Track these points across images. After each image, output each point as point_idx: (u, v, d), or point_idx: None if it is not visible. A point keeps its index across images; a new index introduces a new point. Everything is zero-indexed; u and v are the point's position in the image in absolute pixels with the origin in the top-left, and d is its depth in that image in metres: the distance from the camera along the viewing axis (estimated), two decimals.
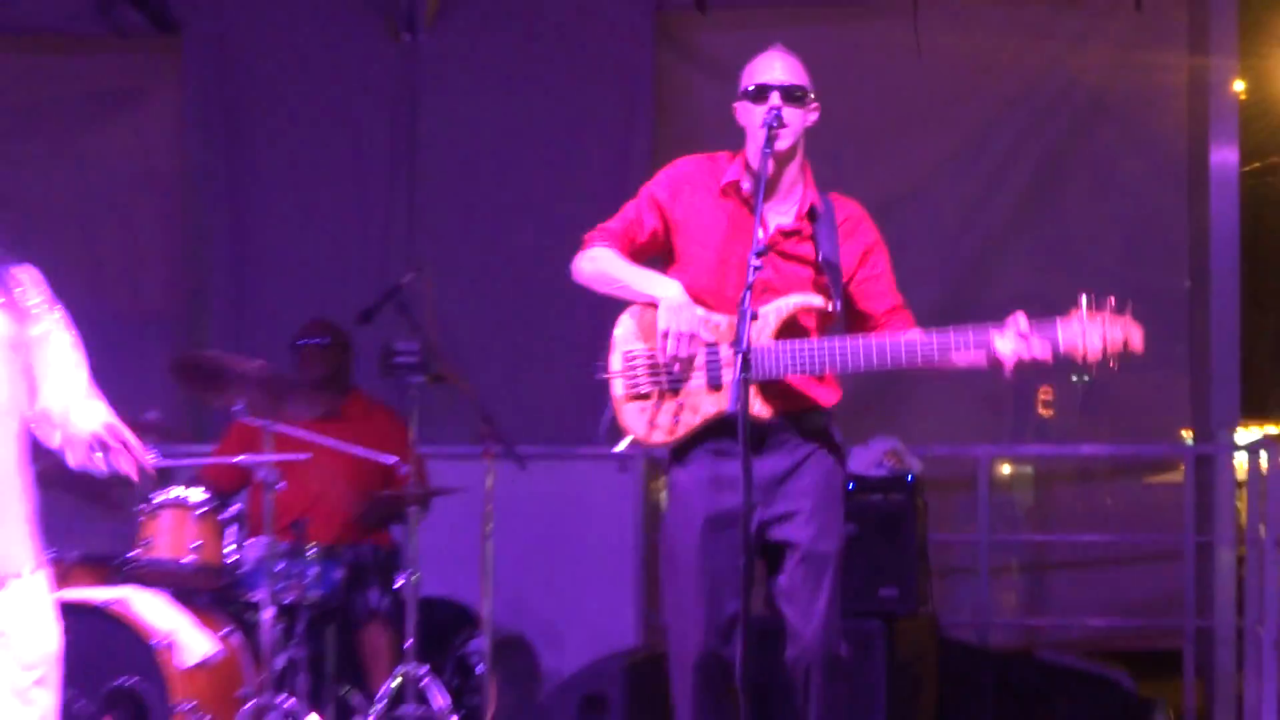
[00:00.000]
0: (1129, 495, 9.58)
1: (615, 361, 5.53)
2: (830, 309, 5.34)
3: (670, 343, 5.40)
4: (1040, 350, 5.11)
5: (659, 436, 5.49)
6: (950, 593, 9.02)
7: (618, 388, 5.52)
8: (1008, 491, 9.83)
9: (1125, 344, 5.05)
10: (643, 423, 5.50)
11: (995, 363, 5.19)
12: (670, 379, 5.46)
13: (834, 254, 5.40)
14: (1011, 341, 5.13)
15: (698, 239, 5.51)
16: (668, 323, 5.39)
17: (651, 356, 5.49)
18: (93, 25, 9.86)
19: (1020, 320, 5.14)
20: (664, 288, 5.48)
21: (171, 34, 9.92)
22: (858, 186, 5.67)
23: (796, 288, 5.36)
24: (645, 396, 5.50)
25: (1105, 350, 5.02)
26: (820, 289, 5.36)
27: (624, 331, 5.54)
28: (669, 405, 5.48)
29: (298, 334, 8.07)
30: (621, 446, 5.56)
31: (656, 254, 5.58)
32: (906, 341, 5.26)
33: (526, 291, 9.46)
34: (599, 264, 5.61)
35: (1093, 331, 5.03)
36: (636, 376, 5.50)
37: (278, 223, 9.75)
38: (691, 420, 5.43)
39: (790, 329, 5.33)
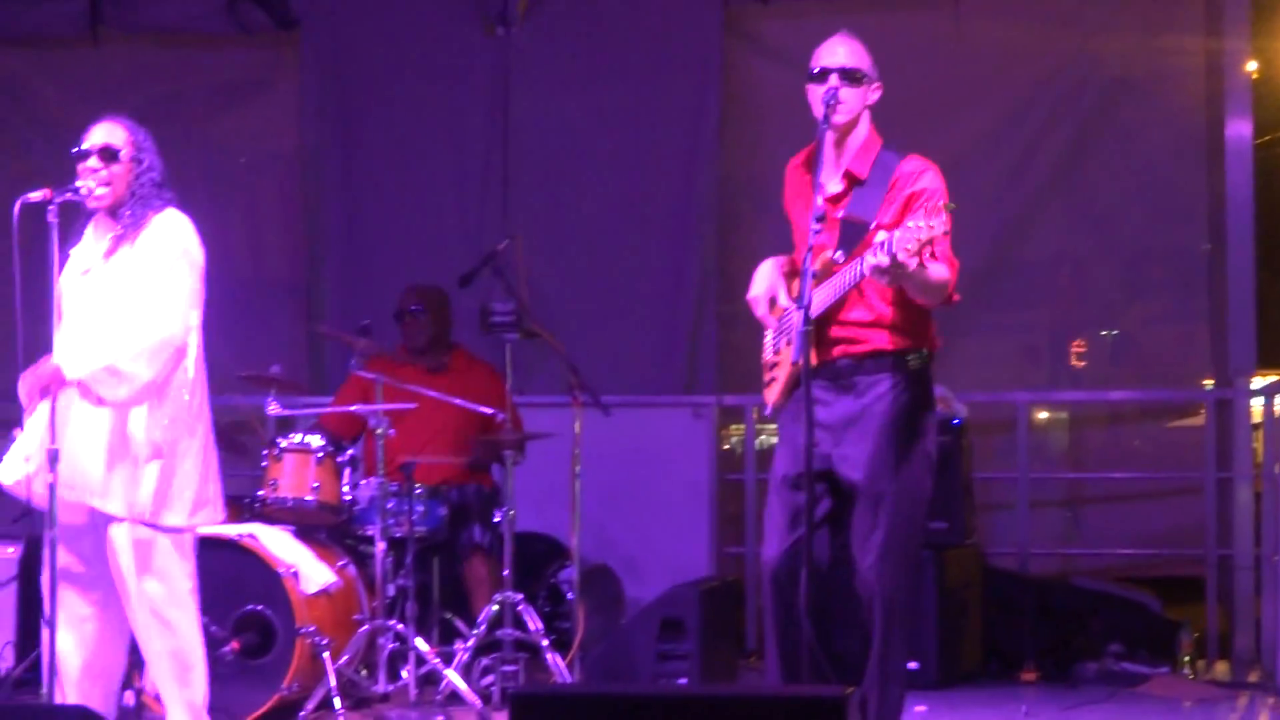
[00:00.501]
0: (1155, 436, 9.47)
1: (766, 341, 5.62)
2: (834, 258, 5.23)
3: (752, 309, 5.52)
4: (880, 259, 4.94)
5: (774, 396, 5.52)
6: (993, 525, 8.91)
7: (764, 360, 5.60)
8: (1044, 434, 9.68)
9: (924, 235, 4.83)
10: (766, 386, 5.57)
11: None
12: (774, 347, 5.51)
13: (865, 211, 5.32)
14: (871, 256, 4.99)
15: (793, 217, 5.56)
16: (749, 294, 5.52)
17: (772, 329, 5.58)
18: (221, 24, 9.88)
19: (878, 235, 5.01)
20: (760, 269, 5.57)
21: (291, 30, 9.90)
22: None
23: (833, 245, 5.30)
24: (766, 365, 5.57)
25: (912, 246, 4.82)
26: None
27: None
28: (776, 368, 5.52)
29: (400, 301, 8.06)
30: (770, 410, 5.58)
31: None
32: (846, 269, 5.17)
33: (608, 257, 9.42)
34: None
35: (902, 237, 4.83)
36: (766, 348, 5.58)
37: (385, 197, 9.71)
38: (782, 376, 5.44)
39: (822, 277, 5.27)
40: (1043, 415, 9.81)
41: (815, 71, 5.35)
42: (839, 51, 5.36)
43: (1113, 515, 9.21)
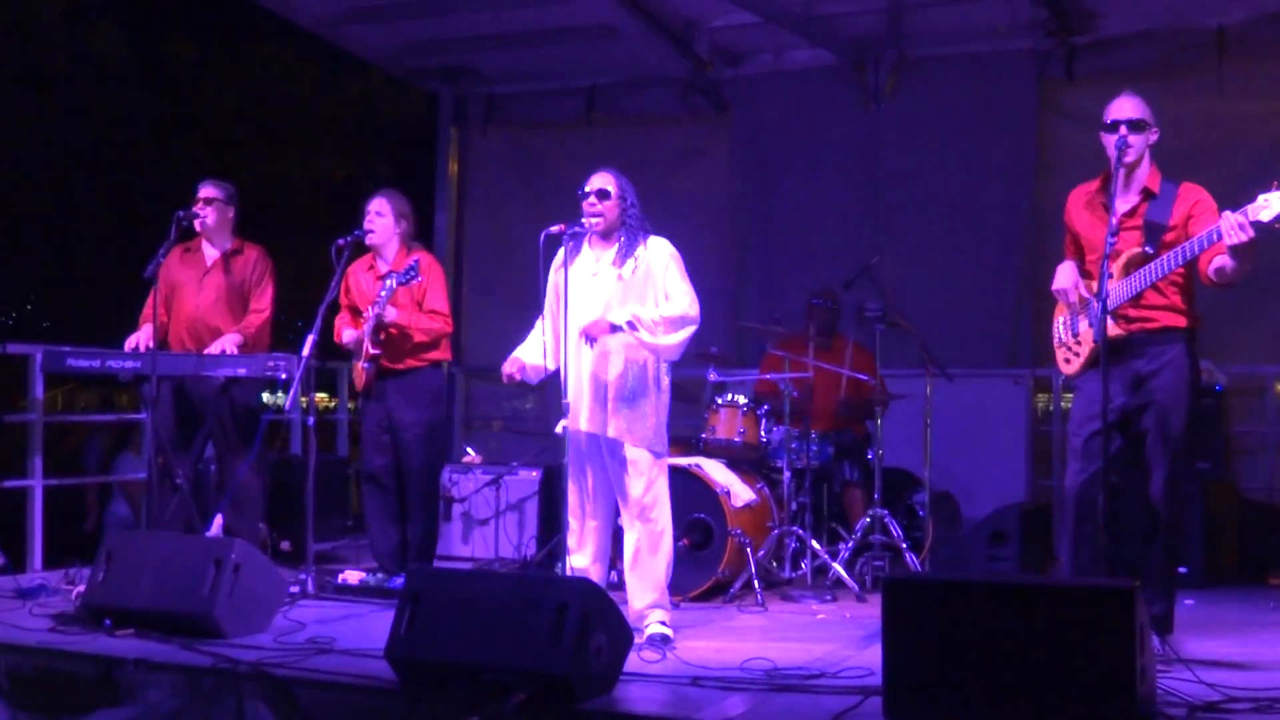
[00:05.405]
0: None
1: (1055, 326, 5.43)
2: (1146, 251, 5.03)
3: (1059, 299, 5.31)
4: (1243, 230, 4.73)
5: (1071, 368, 5.32)
6: (1246, 466, 8.31)
7: (1055, 340, 5.40)
8: None
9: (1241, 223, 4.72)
10: (1062, 360, 5.37)
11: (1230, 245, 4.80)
12: (1073, 329, 5.28)
13: (1161, 216, 5.09)
14: (1227, 229, 4.75)
15: (1083, 234, 5.33)
16: (1054, 287, 5.31)
17: (1064, 317, 5.36)
18: (676, 109, 9.98)
19: (1225, 215, 4.78)
20: (1060, 269, 5.34)
21: (724, 112, 9.93)
22: None
23: (1133, 246, 5.09)
24: (1063, 344, 5.35)
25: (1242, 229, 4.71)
26: (1140, 243, 5.09)
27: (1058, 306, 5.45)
28: (1074, 345, 5.30)
29: (811, 297, 8.02)
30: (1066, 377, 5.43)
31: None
32: (1178, 250, 4.93)
33: (951, 266, 9.13)
34: None
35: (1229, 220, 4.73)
36: (1058, 332, 5.37)
37: (790, 228, 9.63)
38: (1084, 352, 5.23)
39: (1129, 270, 5.07)
40: None
41: (1108, 123, 5.15)
42: (1126, 106, 5.16)
43: None
